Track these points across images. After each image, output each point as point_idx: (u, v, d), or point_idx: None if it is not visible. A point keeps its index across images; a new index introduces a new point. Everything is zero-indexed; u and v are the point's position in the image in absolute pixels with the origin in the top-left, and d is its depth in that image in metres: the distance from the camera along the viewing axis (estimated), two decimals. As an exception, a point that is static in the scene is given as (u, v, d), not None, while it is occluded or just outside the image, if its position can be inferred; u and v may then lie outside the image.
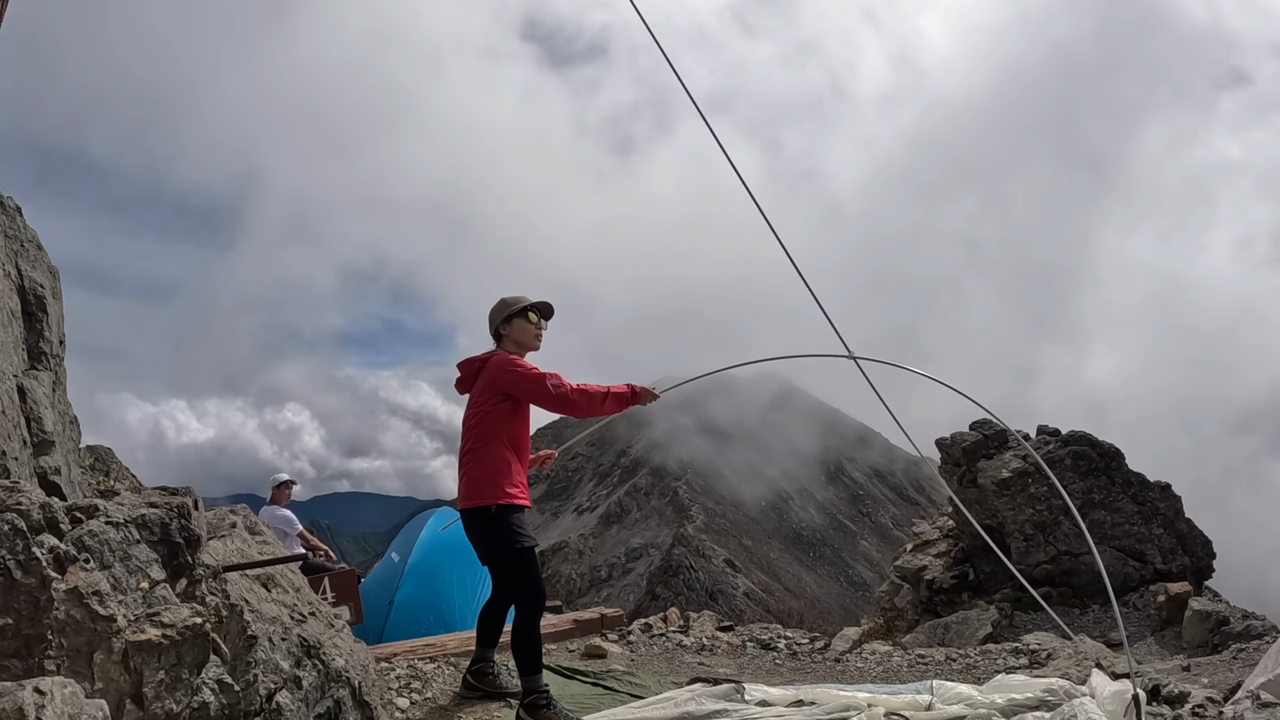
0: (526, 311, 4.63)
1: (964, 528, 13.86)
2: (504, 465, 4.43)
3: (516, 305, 4.65)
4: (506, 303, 4.69)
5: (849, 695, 4.52)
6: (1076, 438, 13.34)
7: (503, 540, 4.36)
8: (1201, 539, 13.13)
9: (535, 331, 4.66)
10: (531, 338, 4.65)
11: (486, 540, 4.41)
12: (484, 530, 4.40)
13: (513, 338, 4.63)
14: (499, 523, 4.36)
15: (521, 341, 4.63)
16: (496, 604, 4.85)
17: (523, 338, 4.63)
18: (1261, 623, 9.36)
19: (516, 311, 4.63)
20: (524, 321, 4.62)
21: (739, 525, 61.23)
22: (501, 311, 4.68)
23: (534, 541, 4.48)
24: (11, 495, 2.49)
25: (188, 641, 2.49)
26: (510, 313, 4.63)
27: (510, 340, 4.64)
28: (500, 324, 4.66)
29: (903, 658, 6.78)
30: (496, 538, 4.37)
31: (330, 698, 3.31)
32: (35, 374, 4.66)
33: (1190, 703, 4.52)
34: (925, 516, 20.25)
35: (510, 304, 4.68)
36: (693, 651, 6.91)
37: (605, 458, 74.29)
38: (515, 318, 4.62)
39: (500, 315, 4.67)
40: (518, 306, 4.64)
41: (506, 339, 4.65)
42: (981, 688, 4.73)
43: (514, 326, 4.62)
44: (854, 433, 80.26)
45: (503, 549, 4.38)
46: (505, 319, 4.63)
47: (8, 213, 4.83)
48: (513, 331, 4.63)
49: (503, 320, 4.64)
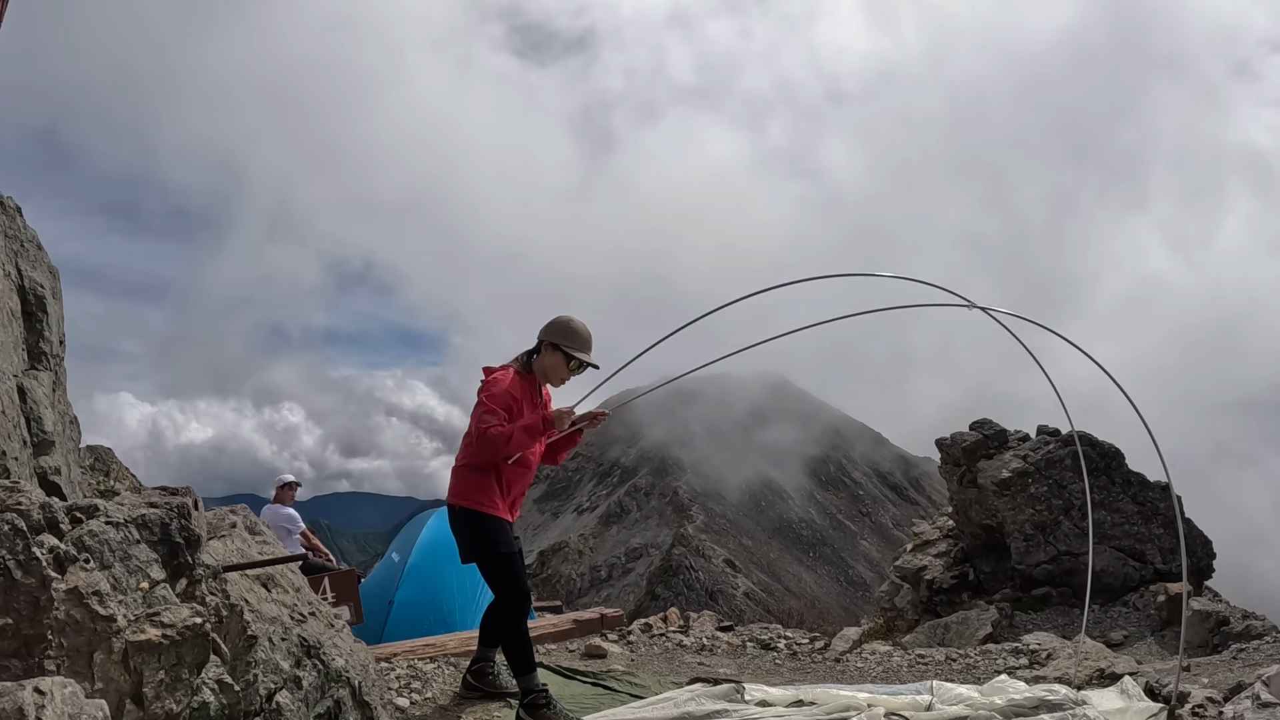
0: (570, 357, 4.53)
1: (964, 527, 13.87)
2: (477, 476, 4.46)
3: (565, 343, 4.53)
4: (567, 333, 4.56)
5: (849, 695, 4.52)
6: (1077, 437, 13.32)
7: (473, 545, 4.46)
8: (1201, 539, 13.13)
9: (563, 375, 4.60)
10: (557, 378, 4.61)
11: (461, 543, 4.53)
12: (455, 531, 4.54)
13: (544, 362, 4.57)
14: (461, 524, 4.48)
15: (547, 371, 4.59)
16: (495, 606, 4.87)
17: (550, 371, 4.58)
18: (1261, 623, 9.36)
19: (562, 349, 4.53)
20: (560, 361, 4.54)
21: (739, 525, 61.21)
22: (551, 334, 4.57)
23: (507, 548, 4.44)
24: (11, 495, 2.49)
25: (188, 641, 2.49)
26: (557, 344, 4.54)
27: (540, 361, 4.59)
28: (545, 343, 4.57)
29: (903, 658, 6.78)
30: (465, 541, 4.50)
31: (330, 698, 3.31)
32: (35, 374, 4.66)
33: (1190, 703, 4.52)
34: (925, 516, 20.25)
35: (564, 336, 4.55)
36: (693, 651, 6.91)
37: (605, 457, 74.28)
38: (559, 352, 4.53)
39: (549, 336, 4.57)
40: (565, 346, 4.53)
41: (540, 357, 4.59)
42: (981, 688, 4.73)
43: (553, 358, 4.55)
44: (855, 432, 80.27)
45: (476, 554, 4.46)
46: (551, 344, 4.55)
47: (8, 213, 4.83)
48: (547, 357, 4.56)
49: (549, 343, 4.56)
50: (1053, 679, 5.55)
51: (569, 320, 4.61)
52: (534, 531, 68.15)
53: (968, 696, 4.52)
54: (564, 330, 4.57)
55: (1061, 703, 4.40)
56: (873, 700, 4.43)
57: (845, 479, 76.02)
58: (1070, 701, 4.42)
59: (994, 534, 13.25)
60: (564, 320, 4.61)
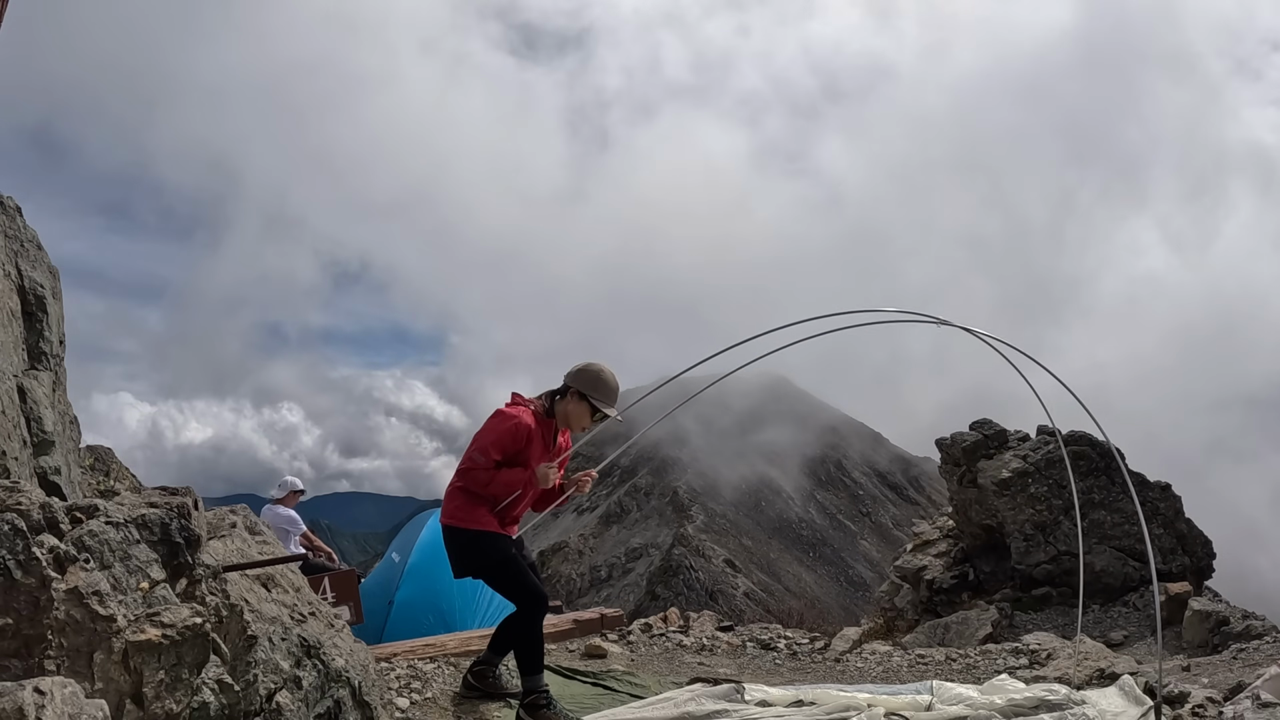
0: (594, 408, 4.50)
1: (964, 527, 13.87)
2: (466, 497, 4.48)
3: (592, 394, 4.48)
4: (595, 384, 4.51)
5: (849, 695, 4.52)
6: (1076, 438, 13.33)
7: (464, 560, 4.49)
8: (1201, 539, 13.14)
9: (585, 425, 4.57)
10: (579, 425, 4.58)
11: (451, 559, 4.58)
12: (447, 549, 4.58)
13: (568, 407, 4.53)
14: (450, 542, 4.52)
15: (569, 417, 4.55)
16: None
17: (573, 418, 4.55)
18: (1261, 623, 9.36)
19: (590, 399, 4.49)
20: (585, 411, 4.51)
21: (739, 525, 61.20)
22: (580, 382, 4.53)
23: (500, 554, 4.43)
24: (11, 495, 2.49)
25: (188, 641, 2.49)
26: (585, 394, 4.49)
27: (564, 405, 4.55)
28: (573, 390, 4.53)
29: (903, 658, 6.78)
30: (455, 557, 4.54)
31: (330, 698, 3.31)
32: (35, 374, 4.66)
33: (1190, 703, 4.52)
34: (925, 516, 20.24)
35: (592, 386, 4.50)
36: (693, 651, 6.91)
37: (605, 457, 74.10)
38: (585, 402, 4.49)
39: (577, 384, 4.53)
40: (592, 396, 4.48)
41: (564, 401, 4.55)
42: (981, 688, 4.73)
43: (577, 406, 4.51)
44: (854, 432, 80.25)
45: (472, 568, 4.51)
46: (577, 392, 4.52)
47: (8, 213, 4.83)
48: (572, 404, 4.52)
49: (576, 391, 4.52)
50: (1053, 679, 5.55)
51: (599, 370, 4.55)
52: (534, 531, 67.74)
53: (967, 696, 4.52)
54: (594, 381, 4.51)
55: (1061, 702, 4.40)
56: (873, 700, 4.44)
57: (844, 479, 75.98)
58: (1069, 701, 4.42)
59: (994, 534, 13.25)
60: (595, 370, 4.55)
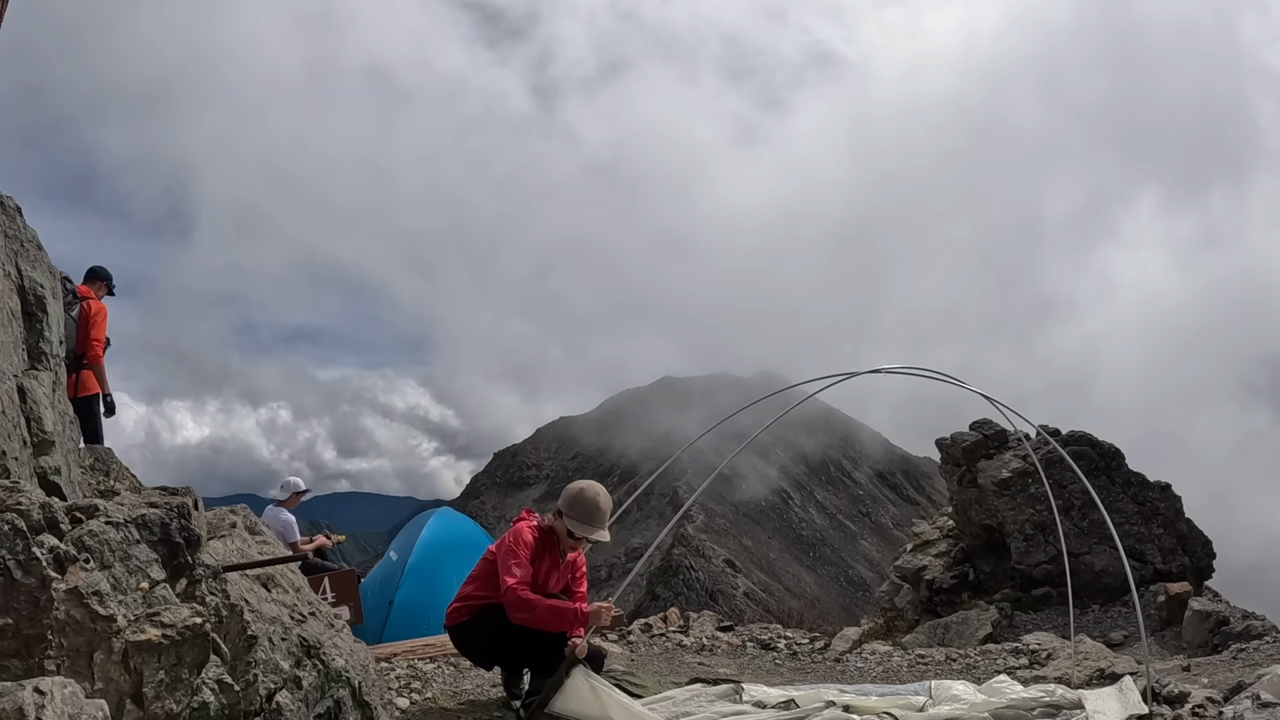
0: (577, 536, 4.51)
1: (964, 527, 13.87)
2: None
3: (577, 522, 4.48)
4: (579, 509, 4.51)
5: (848, 696, 4.52)
6: (1076, 438, 13.34)
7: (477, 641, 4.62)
8: (1201, 539, 13.14)
9: (574, 547, 4.59)
10: (568, 549, 4.61)
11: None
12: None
13: (559, 532, 4.57)
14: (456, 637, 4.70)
15: (561, 540, 4.58)
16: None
17: (560, 537, 4.57)
18: (1261, 623, 9.36)
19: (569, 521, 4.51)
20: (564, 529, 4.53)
21: (739, 525, 61.22)
22: (569, 509, 4.54)
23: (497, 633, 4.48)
24: (11, 495, 2.49)
25: (188, 641, 2.49)
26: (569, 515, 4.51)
27: (558, 529, 4.58)
28: (558, 514, 4.58)
29: (903, 658, 6.78)
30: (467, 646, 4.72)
31: (330, 698, 3.31)
32: (35, 374, 4.66)
33: (1190, 703, 4.52)
34: (925, 516, 20.24)
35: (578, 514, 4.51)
36: (693, 651, 6.91)
37: (605, 457, 74.30)
38: (568, 521, 4.51)
39: (565, 509, 4.55)
40: (576, 527, 4.49)
41: (559, 522, 4.58)
42: (980, 688, 4.73)
43: (563, 528, 4.53)
44: (855, 432, 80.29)
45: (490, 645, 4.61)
46: (558, 511, 4.57)
47: (8, 213, 4.83)
48: (561, 530, 4.55)
49: (557, 510, 4.58)
50: (1053, 679, 5.55)
51: (580, 490, 4.55)
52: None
53: (964, 697, 4.52)
54: (575, 506, 4.52)
55: (1058, 703, 4.40)
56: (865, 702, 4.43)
57: (845, 479, 76.01)
58: (1067, 702, 4.42)
59: (994, 534, 13.25)
60: (579, 493, 4.54)
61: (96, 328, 7.30)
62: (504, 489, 79.29)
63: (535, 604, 4.22)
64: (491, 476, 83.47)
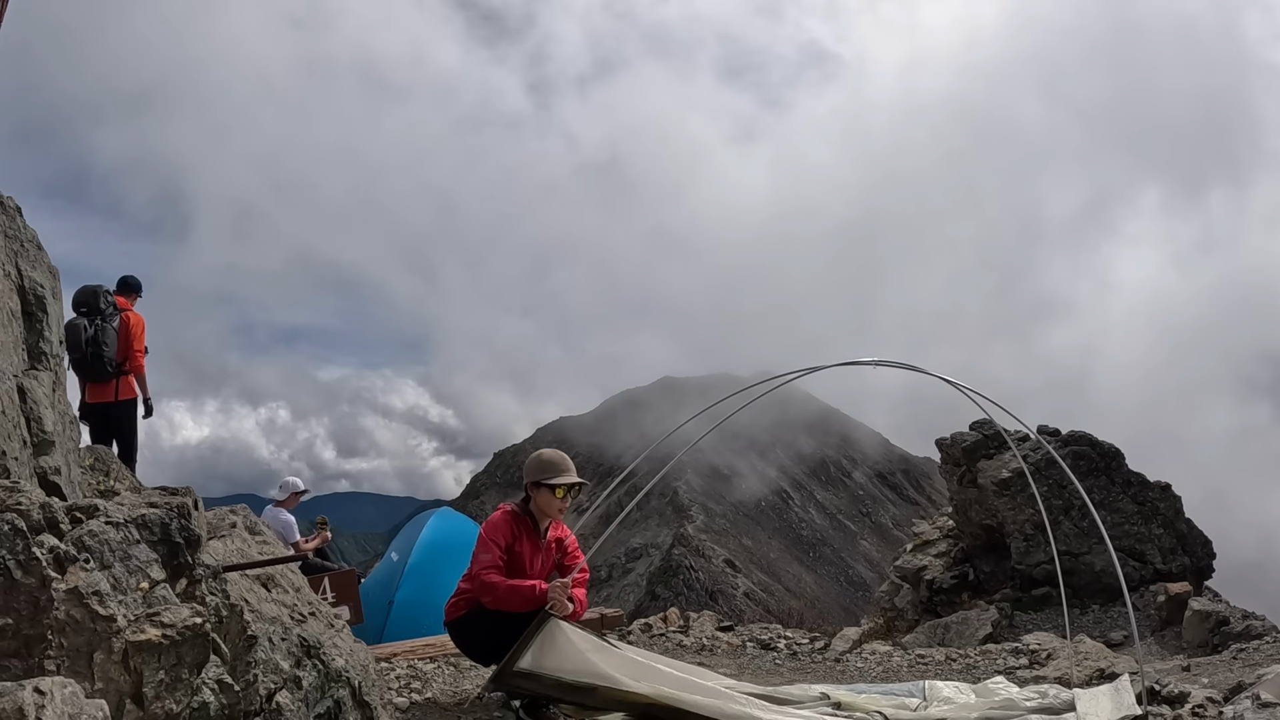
0: (554, 488, 4.56)
1: (964, 527, 13.86)
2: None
3: (546, 478, 4.56)
4: (541, 466, 4.61)
5: (842, 693, 4.52)
6: (1076, 438, 13.34)
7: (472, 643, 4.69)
8: (1201, 539, 13.13)
9: (559, 505, 4.61)
10: (555, 510, 4.63)
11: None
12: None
13: (538, 504, 4.61)
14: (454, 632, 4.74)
15: (545, 510, 4.61)
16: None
17: (546, 508, 4.60)
18: (1261, 623, 9.36)
19: (546, 484, 4.56)
20: (550, 495, 4.56)
21: (739, 525, 61.20)
22: (533, 474, 4.62)
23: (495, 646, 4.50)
24: (11, 495, 2.49)
25: (188, 641, 2.48)
26: (540, 481, 4.57)
27: (535, 505, 4.62)
28: (528, 485, 4.62)
29: (903, 658, 6.78)
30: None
31: (330, 698, 3.31)
32: (35, 374, 4.65)
33: (1190, 703, 4.52)
34: (925, 516, 20.24)
35: (543, 471, 4.59)
36: (693, 651, 6.91)
37: (605, 457, 74.26)
38: (542, 487, 4.56)
39: (530, 477, 4.62)
40: (547, 480, 4.55)
41: (534, 501, 4.62)
42: (975, 687, 4.73)
43: (540, 495, 4.58)
44: (854, 432, 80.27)
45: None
46: (534, 484, 4.59)
47: (8, 213, 4.83)
48: (538, 499, 4.60)
49: (530, 484, 4.61)
50: (1053, 679, 5.55)
51: (537, 455, 4.69)
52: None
53: (956, 698, 4.52)
54: (536, 467, 4.63)
55: (1051, 705, 4.39)
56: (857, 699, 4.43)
57: (845, 479, 75.99)
58: (1060, 704, 4.41)
59: (994, 534, 13.25)
60: (533, 458, 4.68)
61: (138, 339, 7.93)
62: (504, 489, 79.24)
63: (497, 585, 4.32)
64: (491, 476, 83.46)
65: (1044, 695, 4.52)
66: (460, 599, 4.61)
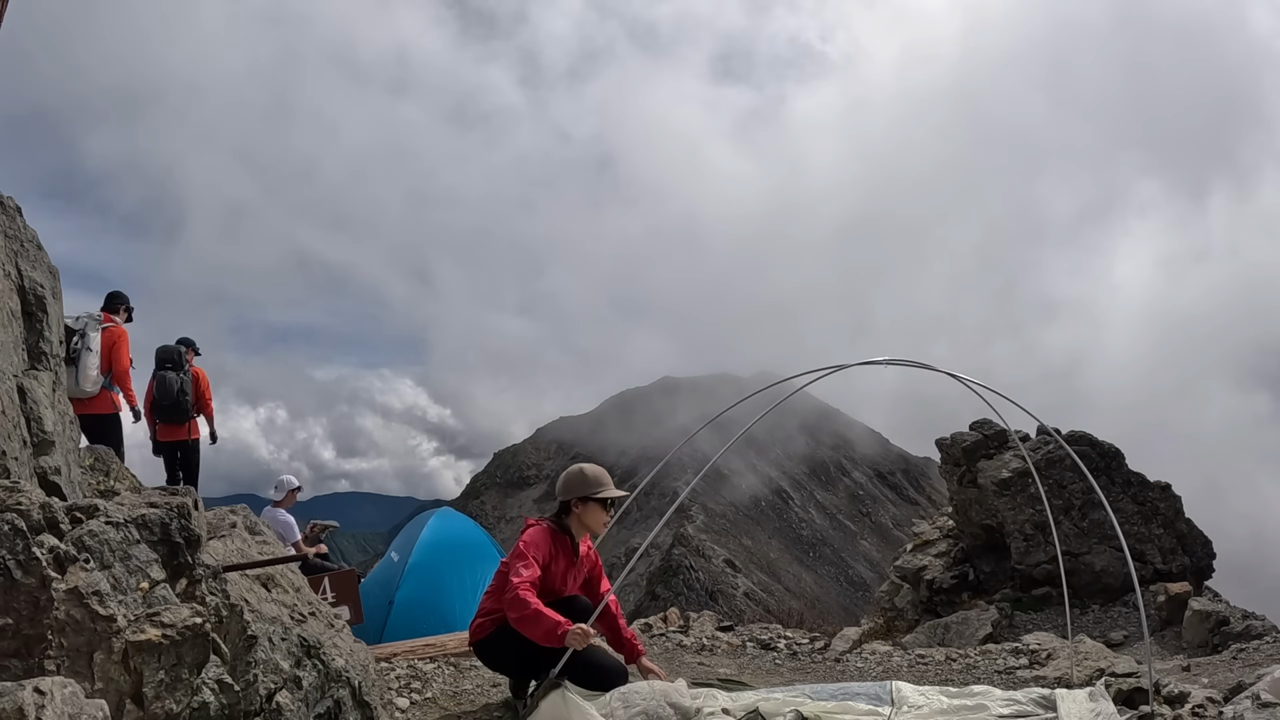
0: (606, 501, 4.47)
1: (964, 527, 13.87)
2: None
3: (597, 491, 4.44)
4: (588, 481, 4.48)
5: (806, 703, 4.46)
6: (1076, 438, 13.34)
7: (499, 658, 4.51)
8: (1201, 539, 13.14)
9: (606, 519, 4.51)
10: (600, 525, 4.52)
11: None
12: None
13: (583, 519, 4.49)
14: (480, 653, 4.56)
15: (590, 526, 4.51)
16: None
17: (593, 523, 4.50)
18: (1261, 623, 9.36)
19: (596, 498, 4.45)
20: (599, 509, 4.46)
21: (739, 525, 61.21)
22: (580, 489, 4.48)
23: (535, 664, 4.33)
24: (11, 495, 2.49)
25: (188, 641, 2.48)
26: (589, 495, 4.45)
27: (577, 518, 4.49)
28: (574, 501, 4.48)
29: (903, 658, 6.78)
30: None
31: (330, 698, 3.31)
32: (35, 374, 4.65)
33: (1190, 703, 4.52)
34: (925, 516, 20.24)
35: (591, 485, 4.46)
36: (693, 651, 6.91)
37: (605, 457, 74.29)
38: (591, 502, 4.45)
39: (577, 493, 4.48)
40: (598, 493, 4.44)
41: (574, 516, 4.49)
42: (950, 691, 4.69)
43: (588, 510, 4.46)
44: (854, 432, 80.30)
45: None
46: (581, 499, 4.47)
47: (8, 213, 4.83)
48: (585, 514, 4.47)
49: (578, 499, 4.48)
50: (1052, 679, 5.54)
51: (580, 470, 4.57)
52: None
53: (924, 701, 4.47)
54: (582, 481, 4.49)
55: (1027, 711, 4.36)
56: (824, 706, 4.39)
57: (845, 479, 76.00)
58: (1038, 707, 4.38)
59: (994, 534, 13.25)
60: (575, 473, 4.56)
61: (207, 389, 9.34)
62: (504, 489, 79.27)
63: (528, 606, 4.10)
64: (491, 476, 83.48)
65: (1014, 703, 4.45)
66: (487, 619, 4.41)
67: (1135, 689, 4.81)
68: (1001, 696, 4.59)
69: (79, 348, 7.37)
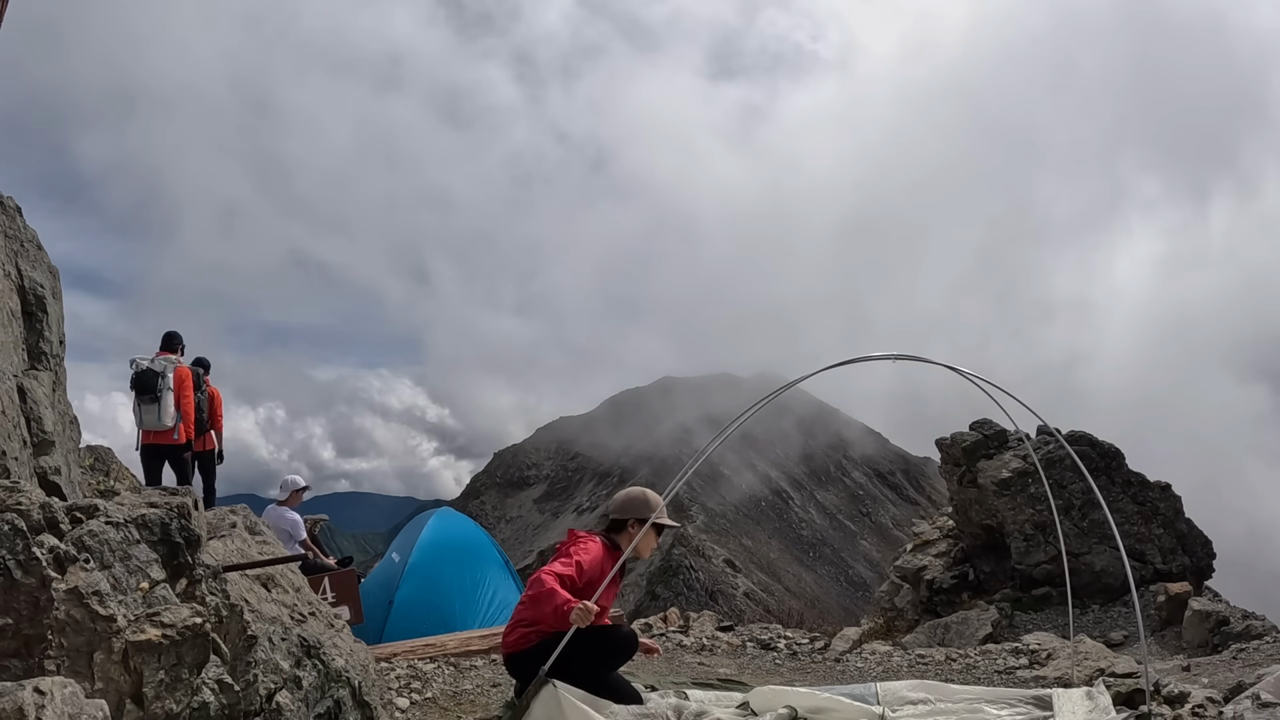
0: (660, 528, 4.53)
1: (964, 527, 13.87)
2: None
3: (659, 518, 4.49)
4: (650, 505, 4.55)
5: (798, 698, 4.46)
6: (1077, 438, 13.34)
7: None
8: (1201, 539, 13.14)
9: (655, 544, 4.57)
10: (649, 550, 4.59)
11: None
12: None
13: (641, 541, 4.49)
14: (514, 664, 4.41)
15: (640, 548, 4.52)
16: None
17: (644, 546, 4.53)
18: (1261, 623, 9.37)
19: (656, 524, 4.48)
20: (653, 535, 4.51)
21: (739, 525, 61.22)
22: (642, 511, 4.54)
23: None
24: (11, 495, 2.49)
25: (188, 641, 2.49)
26: (650, 520, 4.48)
27: (629, 538, 4.51)
28: (633, 521, 4.53)
29: (903, 658, 6.78)
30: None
31: (330, 698, 3.31)
32: (35, 374, 4.66)
33: (1190, 703, 4.52)
34: (925, 516, 20.25)
35: (654, 509, 4.52)
36: (693, 651, 6.91)
37: (605, 457, 74.31)
38: (650, 522, 4.46)
39: (638, 514, 4.53)
40: (659, 520, 4.49)
41: (627, 533, 4.53)
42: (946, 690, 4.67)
43: (646, 534, 4.48)
44: (854, 432, 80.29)
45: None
46: (640, 520, 4.51)
47: (8, 213, 4.83)
48: (647, 537, 4.49)
49: (637, 520, 4.52)
50: (1053, 679, 5.54)
51: (644, 493, 4.62)
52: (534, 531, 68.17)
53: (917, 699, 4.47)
54: (645, 504, 4.55)
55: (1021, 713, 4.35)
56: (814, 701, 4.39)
57: (845, 479, 76.01)
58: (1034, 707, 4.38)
59: (994, 534, 13.26)
60: (639, 495, 4.61)
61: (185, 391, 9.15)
62: (504, 489, 79.26)
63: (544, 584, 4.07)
64: (491, 476, 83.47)
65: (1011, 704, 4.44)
66: (531, 630, 4.30)
67: (1135, 689, 4.81)
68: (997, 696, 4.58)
69: (162, 388, 8.31)
